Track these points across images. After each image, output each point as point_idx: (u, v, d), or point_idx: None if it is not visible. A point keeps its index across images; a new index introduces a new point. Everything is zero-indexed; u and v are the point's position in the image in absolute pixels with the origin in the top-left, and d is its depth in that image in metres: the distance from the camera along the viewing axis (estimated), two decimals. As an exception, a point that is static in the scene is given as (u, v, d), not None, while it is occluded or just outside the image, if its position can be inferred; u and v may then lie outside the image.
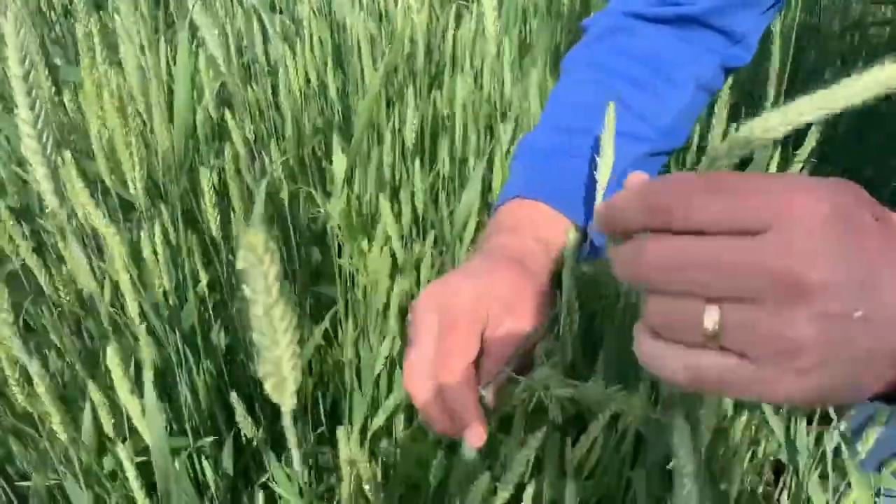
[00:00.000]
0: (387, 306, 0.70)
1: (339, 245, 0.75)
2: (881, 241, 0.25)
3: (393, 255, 0.70)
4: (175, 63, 0.73)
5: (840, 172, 0.28)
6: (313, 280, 0.88)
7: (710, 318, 0.26)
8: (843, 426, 0.64)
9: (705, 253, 0.25)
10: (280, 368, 0.25)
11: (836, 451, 0.63)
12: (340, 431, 0.46)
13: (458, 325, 0.43)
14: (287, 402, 0.26)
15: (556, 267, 0.49)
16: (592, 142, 0.53)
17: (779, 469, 0.86)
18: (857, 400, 0.27)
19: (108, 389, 0.56)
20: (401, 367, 0.71)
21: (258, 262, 0.22)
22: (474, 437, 0.41)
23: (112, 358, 0.50)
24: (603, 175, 0.50)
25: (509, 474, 0.43)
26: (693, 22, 0.59)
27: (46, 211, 0.71)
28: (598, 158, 0.50)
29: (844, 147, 1.13)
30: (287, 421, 0.28)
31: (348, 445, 0.46)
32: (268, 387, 0.26)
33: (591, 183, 0.52)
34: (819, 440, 0.85)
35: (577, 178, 0.54)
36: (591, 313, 0.73)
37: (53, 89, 0.74)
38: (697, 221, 0.26)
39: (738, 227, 0.25)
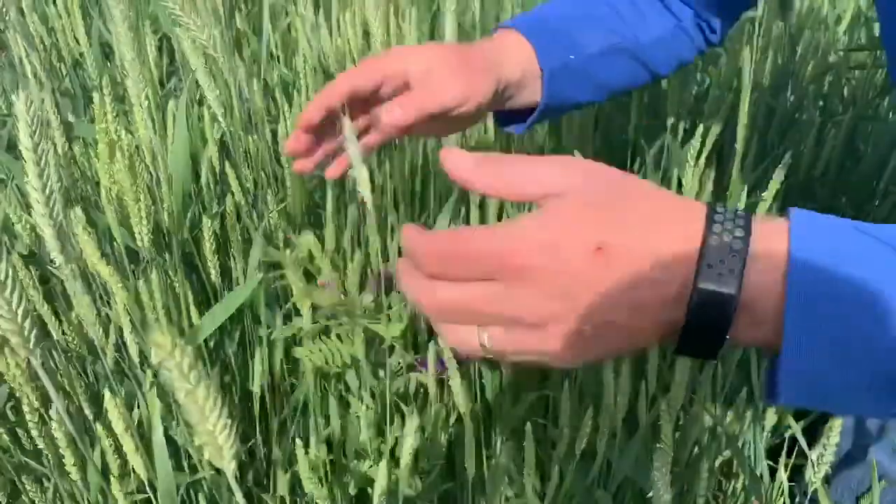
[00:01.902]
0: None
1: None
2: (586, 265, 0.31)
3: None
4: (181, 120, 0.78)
5: (821, 210, 0.32)
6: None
7: (484, 335, 0.34)
8: (827, 455, 0.67)
9: (467, 303, 0.33)
10: (214, 439, 0.28)
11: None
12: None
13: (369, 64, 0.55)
14: (228, 467, 0.29)
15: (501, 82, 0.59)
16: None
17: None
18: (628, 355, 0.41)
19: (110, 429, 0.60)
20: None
21: (170, 357, 0.25)
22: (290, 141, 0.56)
23: (110, 401, 0.54)
24: None
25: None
26: None
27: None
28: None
29: (824, 185, 1.17)
30: (232, 482, 0.30)
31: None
32: (206, 455, 0.29)
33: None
34: (799, 471, 0.88)
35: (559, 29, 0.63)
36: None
37: (67, 145, 0.78)
38: (453, 277, 0.33)
39: (479, 278, 0.32)
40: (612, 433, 0.67)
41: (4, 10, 0.78)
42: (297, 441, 0.59)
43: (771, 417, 0.86)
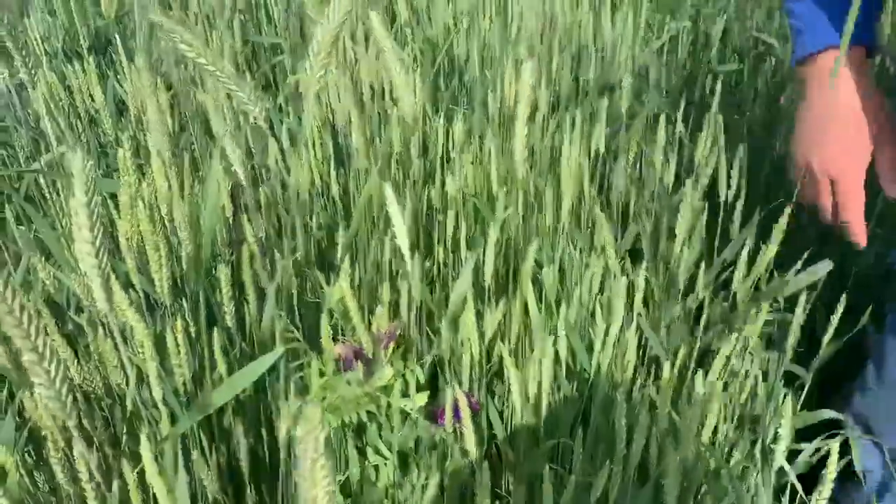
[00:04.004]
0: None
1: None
2: None
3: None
4: (195, 169, 0.82)
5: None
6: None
7: None
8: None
9: None
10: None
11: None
12: None
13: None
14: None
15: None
16: None
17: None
18: None
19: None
20: None
21: (312, 432, 0.28)
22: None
23: (144, 444, 0.56)
24: None
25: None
26: None
27: (84, 306, 0.78)
28: None
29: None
30: None
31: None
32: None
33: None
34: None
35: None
36: None
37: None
38: None
39: None
40: (624, 480, 0.69)
41: (32, 71, 0.83)
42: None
43: (779, 458, 0.88)
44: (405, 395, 0.68)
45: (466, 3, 1.51)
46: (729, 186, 0.88)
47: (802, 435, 0.88)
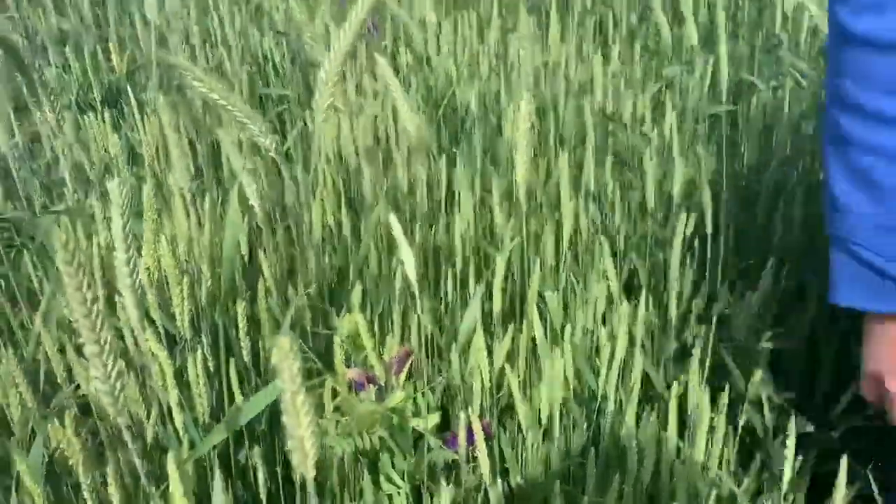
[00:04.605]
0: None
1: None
2: None
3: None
4: (213, 211, 0.85)
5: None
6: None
7: None
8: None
9: None
10: (303, 445, 0.33)
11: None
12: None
13: None
14: (309, 472, 0.34)
15: None
16: None
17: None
18: None
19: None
20: None
21: (285, 359, 0.31)
22: None
23: (171, 463, 0.58)
24: None
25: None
26: None
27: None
28: None
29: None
30: (310, 487, 0.35)
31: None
32: (293, 460, 0.34)
33: None
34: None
35: None
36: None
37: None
38: None
39: None
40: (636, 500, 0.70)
41: (60, 124, 0.88)
42: None
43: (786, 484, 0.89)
44: (416, 415, 0.70)
45: (467, 53, 1.57)
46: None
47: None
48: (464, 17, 1.60)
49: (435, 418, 0.71)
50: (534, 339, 0.86)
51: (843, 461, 0.64)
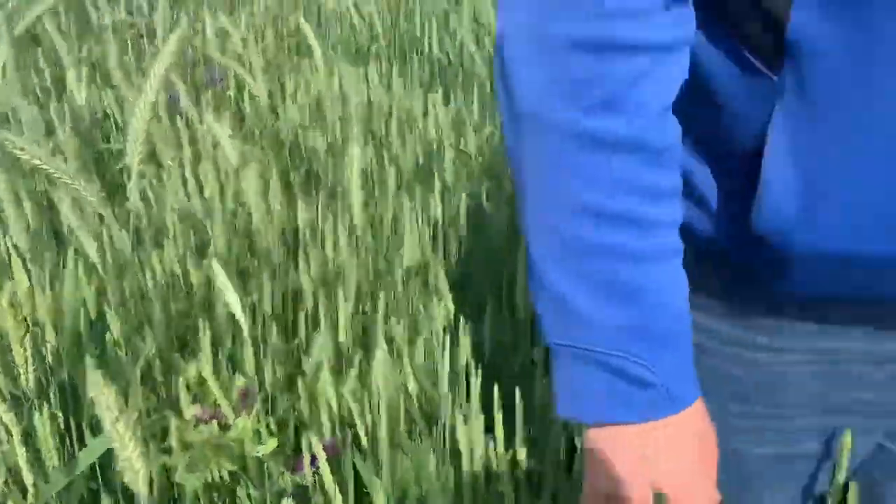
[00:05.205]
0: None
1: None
2: None
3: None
4: (55, 269, 0.87)
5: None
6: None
7: None
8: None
9: None
10: (132, 464, 0.38)
11: None
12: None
13: None
14: (141, 488, 0.39)
15: None
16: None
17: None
18: None
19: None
20: None
21: (101, 394, 0.36)
22: None
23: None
24: None
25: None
26: None
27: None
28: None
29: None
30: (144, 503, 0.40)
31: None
32: (126, 479, 0.39)
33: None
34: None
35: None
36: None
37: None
38: None
39: None
40: None
41: None
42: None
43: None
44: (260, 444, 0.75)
45: (314, 101, 1.64)
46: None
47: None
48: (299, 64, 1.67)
49: (273, 443, 0.76)
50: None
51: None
